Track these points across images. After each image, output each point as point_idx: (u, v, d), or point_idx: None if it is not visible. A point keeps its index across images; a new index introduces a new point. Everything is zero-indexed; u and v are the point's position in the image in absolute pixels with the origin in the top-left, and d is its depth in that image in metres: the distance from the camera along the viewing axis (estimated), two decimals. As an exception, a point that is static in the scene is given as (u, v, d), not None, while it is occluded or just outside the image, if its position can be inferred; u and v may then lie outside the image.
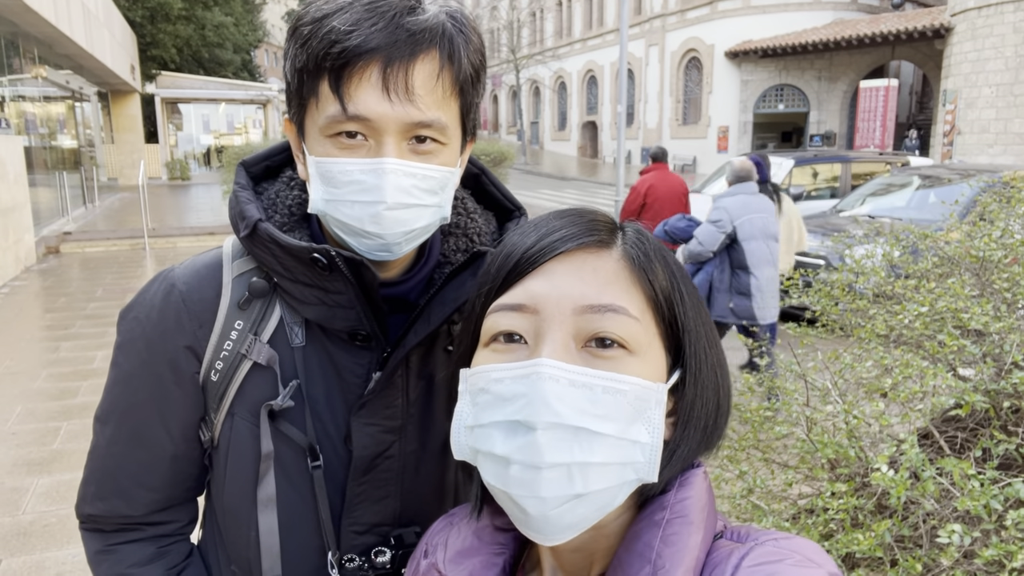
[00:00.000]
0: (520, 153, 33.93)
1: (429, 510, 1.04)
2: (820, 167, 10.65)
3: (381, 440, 0.98)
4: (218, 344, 0.95)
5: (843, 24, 24.75)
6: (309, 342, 0.98)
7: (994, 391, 1.67)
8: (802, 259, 7.28)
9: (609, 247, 0.69)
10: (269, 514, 0.97)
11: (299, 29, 0.86)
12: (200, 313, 0.96)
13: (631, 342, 0.64)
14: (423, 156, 0.87)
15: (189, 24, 27.67)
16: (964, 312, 1.80)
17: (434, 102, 0.85)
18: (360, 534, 1.00)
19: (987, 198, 2.69)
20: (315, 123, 0.87)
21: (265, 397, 0.96)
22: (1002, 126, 17.86)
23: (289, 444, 0.97)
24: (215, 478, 1.03)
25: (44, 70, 14.70)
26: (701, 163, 28.62)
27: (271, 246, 0.92)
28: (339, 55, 0.82)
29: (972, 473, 1.41)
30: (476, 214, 1.09)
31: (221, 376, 0.96)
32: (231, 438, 0.97)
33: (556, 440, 0.61)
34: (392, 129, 0.84)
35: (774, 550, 0.61)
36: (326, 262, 0.90)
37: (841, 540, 1.54)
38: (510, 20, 41.52)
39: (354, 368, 0.98)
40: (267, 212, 0.98)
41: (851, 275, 2.47)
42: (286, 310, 0.97)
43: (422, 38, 0.83)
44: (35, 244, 11.16)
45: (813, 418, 2.01)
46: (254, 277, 0.97)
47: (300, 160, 0.95)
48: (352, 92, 0.83)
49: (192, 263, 1.01)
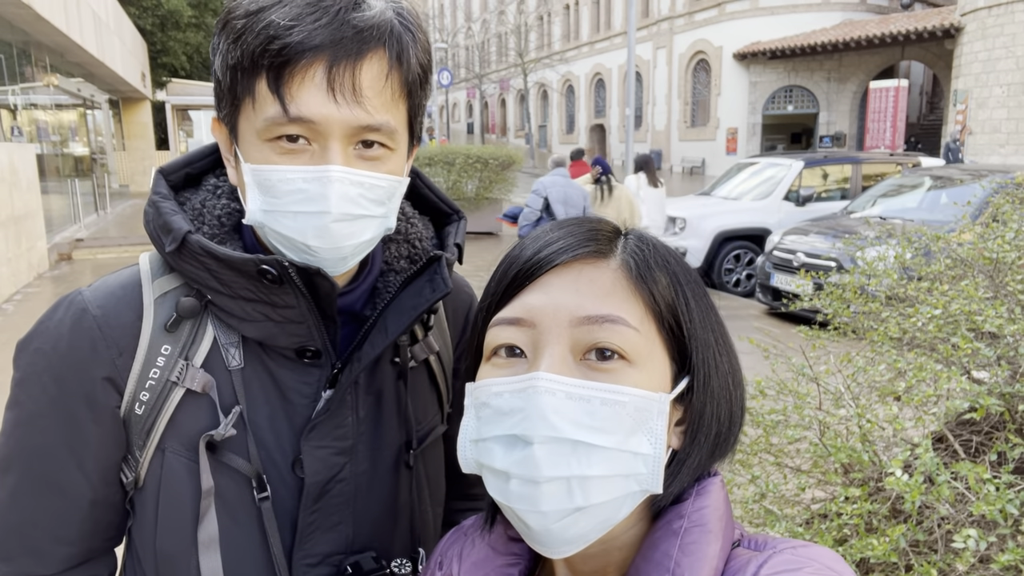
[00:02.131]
0: (528, 156, 33.94)
1: (384, 532, 0.98)
2: (830, 168, 10.59)
3: (333, 463, 0.91)
4: (142, 373, 0.85)
5: (852, 25, 24.67)
6: (248, 363, 0.89)
7: (1009, 394, 1.66)
8: (813, 262, 7.26)
9: (607, 257, 0.68)
10: (212, 556, 0.87)
11: (231, 22, 0.79)
12: (119, 339, 0.85)
13: (630, 352, 0.64)
14: (370, 163, 0.82)
15: (199, 31, 27.82)
16: (978, 315, 1.79)
17: (382, 104, 0.80)
18: (313, 566, 0.91)
19: (999, 199, 2.67)
20: (251, 125, 0.81)
21: (201, 427, 0.86)
22: (1014, 126, 17.74)
23: (231, 476, 0.88)
24: (140, 523, 0.92)
25: (55, 78, 14.83)
26: (710, 165, 28.55)
27: (205, 260, 0.84)
28: (279, 52, 0.76)
29: (987, 477, 1.40)
30: (415, 219, 1.04)
31: (148, 408, 0.86)
32: (162, 476, 0.87)
33: (553, 454, 0.61)
34: (338, 133, 0.79)
35: (792, 558, 0.61)
36: (276, 274, 0.83)
37: (855, 545, 1.53)
38: (517, 24, 41.58)
39: (300, 388, 0.90)
40: (194, 223, 0.90)
41: (863, 277, 2.45)
42: (220, 330, 0.88)
43: (369, 36, 0.78)
44: (48, 251, 11.25)
45: (826, 422, 1.99)
46: (182, 296, 0.88)
47: (231, 165, 0.88)
48: (294, 92, 0.77)
49: (104, 284, 0.90)
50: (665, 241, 0.73)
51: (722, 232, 9.62)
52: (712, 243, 9.51)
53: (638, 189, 8.53)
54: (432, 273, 0.93)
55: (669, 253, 0.71)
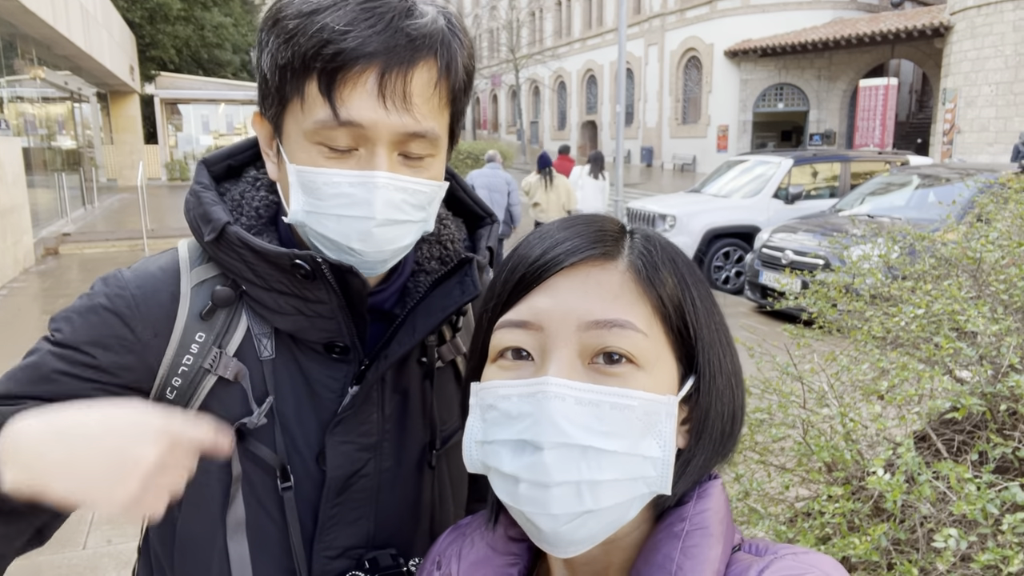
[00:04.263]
0: (520, 153, 33.92)
1: (405, 531, 0.99)
2: (819, 166, 10.64)
3: (356, 459, 0.93)
4: (175, 359, 0.87)
5: (842, 23, 24.75)
6: (279, 354, 0.90)
7: (991, 394, 1.67)
8: (801, 260, 7.29)
9: (614, 258, 0.67)
10: (240, 540, 0.89)
11: (282, 22, 0.80)
12: (156, 321, 0.87)
13: (639, 356, 0.64)
14: (414, 169, 0.84)
15: (188, 25, 27.67)
16: (960, 314, 1.80)
17: (429, 111, 0.82)
18: (333, 559, 0.93)
19: (984, 199, 2.68)
20: (298, 126, 0.82)
21: (232, 415, 0.88)
22: (1002, 124, 17.85)
23: (258, 464, 0.90)
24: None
25: (42, 71, 14.69)
26: (701, 162, 28.61)
27: (242, 251, 0.85)
28: (333, 57, 0.77)
29: (968, 477, 1.40)
30: (449, 220, 1.05)
31: (179, 394, 0.87)
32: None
33: (563, 459, 0.61)
34: (385, 139, 0.80)
35: (793, 564, 0.61)
36: (309, 269, 0.84)
37: (837, 544, 1.53)
38: (509, 20, 41.49)
39: (328, 382, 0.92)
40: (232, 214, 0.91)
41: (847, 276, 2.46)
42: (254, 320, 0.90)
43: (422, 44, 0.79)
44: (34, 245, 11.15)
45: (810, 420, 2.00)
46: (218, 285, 0.89)
47: (270, 159, 0.89)
48: (345, 97, 0.78)
49: (144, 266, 0.92)
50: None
51: (712, 230, 9.67)
52: (702, 240, 9.56)
53: (579, 177, 9.90)
54: (463, 275, 0.94)
55: (675, 252, 0.71)
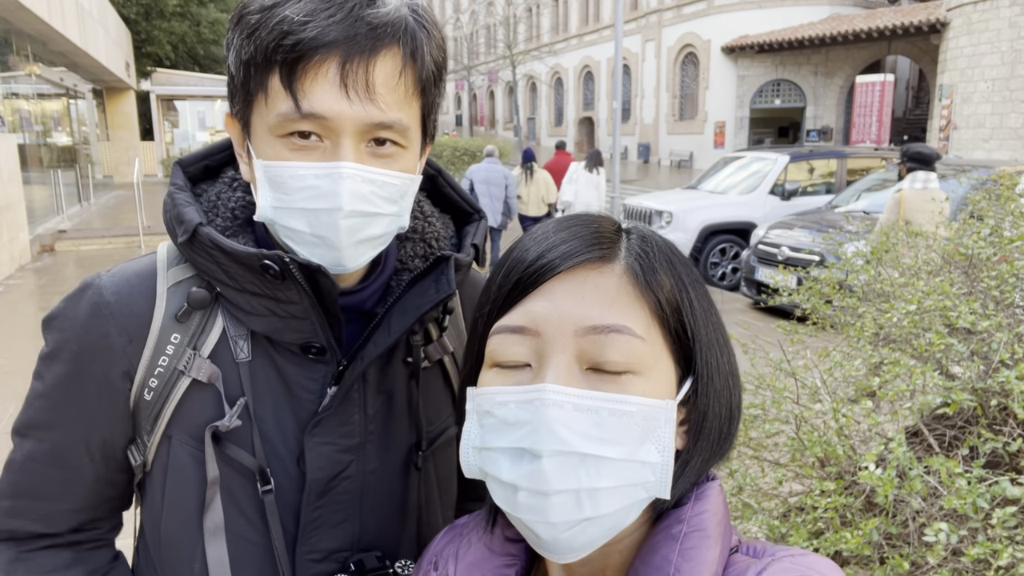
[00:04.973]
0: (517, 149, 33.88)
1: (391, 533, 0.98)
2: (816, 162, 10.65)
3: (337, 460, 0.91)
4: (152, 360, 0.87)
5: (839, 19, 24.73)
6: (255, 356, 0.89)
7: (981, 389, 1.68)
8: (797, 256, 7.30)
9: (611, 261, 0.66)
10: (218, 544, 0.88)
11: (245, 18, 0.79)
12: (130, 328, 0.87)
13: (637, 361, 0.63)
14: (382, 160, 0.82)
15: (184, 21, 27.52)
16: (952, 310, 1.81)
17: (395, 102, 0.80)
18: (317, 562, 0.92)
19: (977, 195, 2.69)
20: (264, 121, 0.81)
21: (207, 418, 0.87)
22: (998, 121, 17.86)
23: (236, 468, 0.89)
24: (149, 507, 0.94)
25: (38, 67, 14.63)
26: (698, 158, 28.61)
27: (213, 252, 0.84)
28: (292, 48, 0.76)
29: (959, 471, 1.41)
30: (433, 218, 1.03)
31: (156, 395, 0.87)
32: (168, 463, 0.89)
33: (562, 467, 0.61)
34: (350, 130, 0.78)
35: (791, 566, 0.61)
36: (278, 269, 0.83)
37: (829, 538, 1.54)
38: (506, 16, 41.43)
39: (306, 383, 0.90)
40: (207, 215, 0.90)
41: (840, 273, 2.47)
42: (229, 322, 0.89)
43: (383, 32, 0.78)
44: (30, 242, 11.12)
45: (803, 416, 2.01)
46: (193, 287, 0.89)
47: (244, 160, 0.88)
48: (307, 88, 0.77)
49: (122, 271, 0.92)
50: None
51: (708, 226, 9.67)
52: (698, 237, 9.56)
53: (575, 172, 10.15)
54: (439, 274, 0.92)
55: (672, 252, 0.70)
